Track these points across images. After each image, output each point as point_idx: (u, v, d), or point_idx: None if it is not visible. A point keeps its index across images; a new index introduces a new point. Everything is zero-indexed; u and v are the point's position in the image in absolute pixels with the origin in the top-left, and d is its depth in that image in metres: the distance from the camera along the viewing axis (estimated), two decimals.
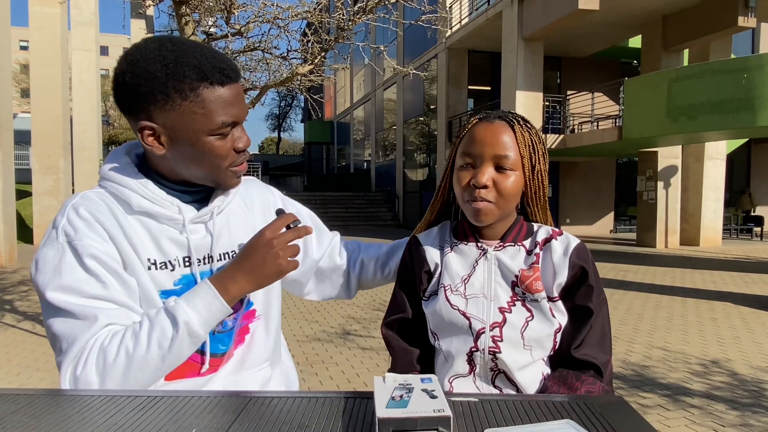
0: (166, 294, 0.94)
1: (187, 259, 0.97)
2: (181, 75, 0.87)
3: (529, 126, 1.08)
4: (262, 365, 1.08)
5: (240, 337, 1.05)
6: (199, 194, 1.01)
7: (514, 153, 1.03)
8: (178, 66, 0.87)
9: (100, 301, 0.88)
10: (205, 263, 0.99)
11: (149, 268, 0.94)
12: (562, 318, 1.06)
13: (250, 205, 1.11)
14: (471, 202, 1.04)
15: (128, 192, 0.93)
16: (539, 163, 1.07)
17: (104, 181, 0.96)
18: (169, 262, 0.95)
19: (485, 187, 1.02)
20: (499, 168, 1.03)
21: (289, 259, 0.92)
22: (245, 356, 1.05)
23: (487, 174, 1.03)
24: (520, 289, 1.06)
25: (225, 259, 1.02)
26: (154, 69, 0.87)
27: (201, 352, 0.97)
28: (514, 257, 1.08)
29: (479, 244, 1.10)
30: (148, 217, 0.95)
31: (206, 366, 0.98)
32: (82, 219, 0.90)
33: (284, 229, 0.96)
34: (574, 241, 1.09)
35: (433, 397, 0.74)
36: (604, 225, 17.36)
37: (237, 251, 1.03)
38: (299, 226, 0.97)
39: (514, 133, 1.05)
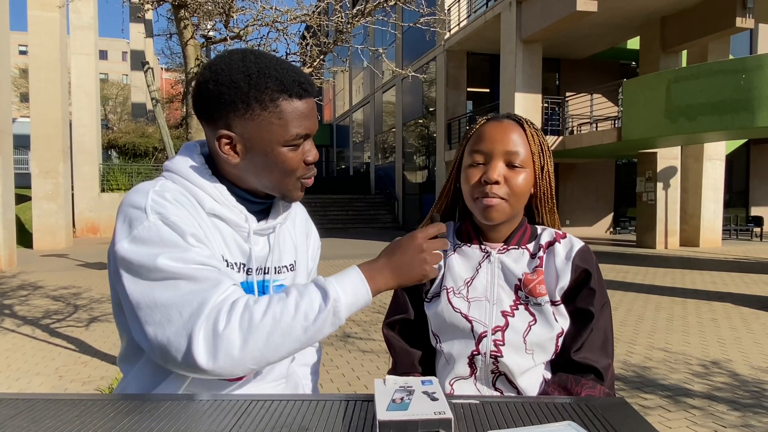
0: None
1: (242, 265, 0.98)
2: (262, 86, 0.90)
3: (536, 128, 1.09)
4: (280, 380, 1.08)
5: None
6: (261, 206, 1.03)
7: (524, 150, 1.04)
8: (261, 77, 0.90)
9: (214, 266, 0.87)
10: (259, 274, 1.01)
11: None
12: (564, 322, 1.05)
13: (293, 224, 1.13)
14: (481, 199, 1.03)
15: (202, 193, 0.95)
16: (547, 163, 1.08)
17: (174, 175, 0.96)
18: (235, 264, 0.97)
19: (497, 183, 1.02)
20: (510, 165, 1.03)
21: (434, 266, 0.92)
22: (271, 369, 1.04)
23: (499, 170, 1.02)
24: (524, 293, 1.05)
25: (275, 272, 1.03)
26: (237, 79, 0.90)
27: None
28: (518, 260, 1.08)
29: (483, 247, 1.10)
30: (219, 219, 0.96)
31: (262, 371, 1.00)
32: (168, 201, 0.90)
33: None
34: (578, 244, 1.08)
35: (434, 399, 0.74)
36: (604, 226, 17.35)
37: (285, 266, 1.06)
38: (444, 237, 0.97)
39: (524, 131, 1.05)
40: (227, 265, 0.95)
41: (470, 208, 1.08)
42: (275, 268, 1.03)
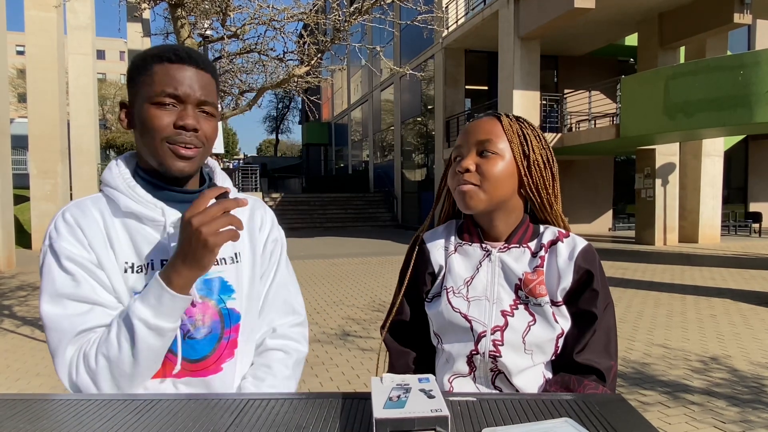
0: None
1: (163, 262, 0.98)
2: (148, 59, 0.98)
3: (522, 120, 1.09)
4: (246, 379, 1.09)
5: (229, 351, 1.04)
6: (187, 196, 1.03)
7: (498, 139, 1.05)
8: (149, 53, 1.00)
9: (75, 303, 0.94)
10: None
11: (126, 271, 0.97)
12: (564, 323, 1.04)
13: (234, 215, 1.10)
14: (456, 188, 1.05)
15: (117, 193, 0.99)
16: (533, 152, 1.06)
17: (101, 185, 1.04)
18: (147, 265, 0.98)
19: (468, 170, 1.04)
20: (483, 153, 1.05)
21: (220, 231, 0.87)
22: (233, 370, 1.05)
23: (470, 159, 1.05)
24: (524, 293, 1.04)
25: (213, 264, 1.01)
26: (135, 60, 1.01)
27: (172, 352, 0.97)
28: (519, 259, 1.07)
29: (484, 245, 1.09)
30: (134, 218, 0.99)
31: (178, 367, 0.98)
32: (66, 223, 0.97)
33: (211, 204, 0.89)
34: (581, 244, 1.06)
35: (431, 396, 0.74)
36: (603, 223, 17.36)
37: (224, 259, 1.04)
38: (228, 198, 0.92)
39: (501, 123, 1.07)
40: (134, 270, 0.97)
41: (456, 201, 1.09)
42: None
